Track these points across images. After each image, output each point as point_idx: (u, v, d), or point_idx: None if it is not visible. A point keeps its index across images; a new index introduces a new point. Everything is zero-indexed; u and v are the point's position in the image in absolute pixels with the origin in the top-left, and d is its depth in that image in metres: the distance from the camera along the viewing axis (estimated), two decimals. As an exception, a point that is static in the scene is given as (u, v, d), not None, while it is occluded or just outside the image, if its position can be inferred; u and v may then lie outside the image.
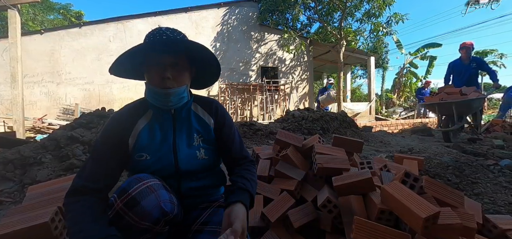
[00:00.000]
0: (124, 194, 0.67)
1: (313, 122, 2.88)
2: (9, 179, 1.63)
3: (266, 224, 1.20)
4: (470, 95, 3.54)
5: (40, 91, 8.42)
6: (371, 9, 9.53)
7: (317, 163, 1.31)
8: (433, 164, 1.96)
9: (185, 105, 0.87)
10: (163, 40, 0.77)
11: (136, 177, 0.72)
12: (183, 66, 0.83)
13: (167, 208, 0.70)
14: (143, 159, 0.81)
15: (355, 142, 1.53)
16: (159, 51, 0.79)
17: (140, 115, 0.85)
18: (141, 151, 0.82)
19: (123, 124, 0.82)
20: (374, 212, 1.03)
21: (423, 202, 0.92)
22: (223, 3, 9.99)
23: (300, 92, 10.97)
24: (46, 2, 15.71)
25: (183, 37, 0.82)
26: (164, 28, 0.81)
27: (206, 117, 0.92)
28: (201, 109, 0.93)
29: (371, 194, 1.12)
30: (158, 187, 0.72)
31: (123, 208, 0.66)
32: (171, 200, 0.74)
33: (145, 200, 0.67)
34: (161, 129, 0.86)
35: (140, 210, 0.66)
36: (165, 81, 0.79)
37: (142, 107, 0.87)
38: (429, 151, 2.37)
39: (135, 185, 0.68)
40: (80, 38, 8.69)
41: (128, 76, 0.91)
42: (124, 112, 0.85)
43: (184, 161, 0.85)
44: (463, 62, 4.32)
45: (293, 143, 1.54)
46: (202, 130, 0.90)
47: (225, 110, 0.98)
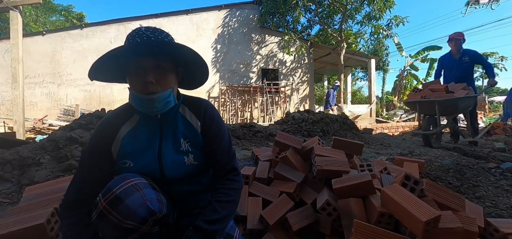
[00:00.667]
0: (108, 192, 0.65)
1: (313, 124, 2.87)
2: (7, 179, 1.62)
3: (265, 227, 1.19)
4: (457, 93, 3.06)
5: (41, 92, 8.44)
6: (372, 12, 9.56)
7: (317, 165, 1.30)
8: (434, 166, 1.94)
9: (172, 109, 0.83)
10: (142, 42, 0.72)
11: (122, 176, 0.70)
12: (167, 68, 0.78)
13: (154, 207, 0.68)
14: (127, 166, 0.79)
15: (355, 144, 1.52)
16: (139, 54, 0.74)
17: (125, 121, 0.82)
18: (124, 157, 0.79)
19: (106, 132, 0.80)
20: (374, 215, 1.02)
21: (424, 206, 0.91)
22: (224, 5, 10.03)
23: (301, 94, 10.96)
24: (48, 4, 15.81)
25: (165, 37, 0.76)
26: (144, 28, 0.75)
27: (193, 121, 0.87)
28: (189, 111, 0.88)
29: (371, 197, 1.10)
30: (143, 186, 0.70)
31: (107, 207, 0.64)
32: (159, 199, 0.72)
33: (130, 198, 0.65)
34: (147, 134, 0.82)
35: (124, 209, 0.64)
36: (148, 85, 0.74)
37: (128, 112, 0.84)
38: (430, 153, 2.36)
39: (120, 183, 0.67)
40: (81, 40, 8.72)
41: (112, 81, 0.86)
42: (108, 119, 0.83)
43: (170, 168, 0.81)
44: (453, 57, 3.75)
45: (293, 145, 1.53)
46: (189, 134, 0.85)
47: (216, 112, 0.91)
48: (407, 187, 1.07)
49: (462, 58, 3.66)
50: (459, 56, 3.67)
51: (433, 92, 3.23)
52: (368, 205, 1.10)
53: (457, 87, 3.20)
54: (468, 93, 3.10)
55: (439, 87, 3.25)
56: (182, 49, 0.77)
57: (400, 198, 0.95)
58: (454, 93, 3.09)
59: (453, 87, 3.21)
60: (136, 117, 0.83)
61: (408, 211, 0.90)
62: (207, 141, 0.87)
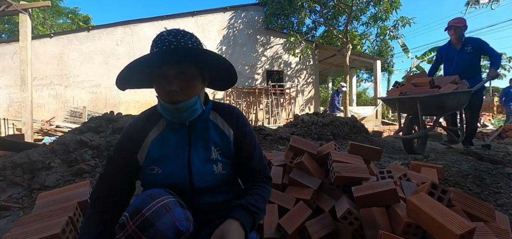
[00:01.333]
0: (137, 214, 0.61)
1: (323, 127, 2.82)
2: (18, 183, 1.61)
3: (282, 236, 1.15)
4: (444, 87, 2.50)
5: (49, 94, 8.53)
6: (378, 13, 9.46)
7: (335, 171, 1.25)
8: (452, 172, 1.88)
9: (201, 115, 0.80)
10: (164, 49, 0.69)
11: (150, 195, 0.66)
12: (191, 74, 0.73)
13: (183, 227, 0.65)
14: (154, 172, 0.76)
15: (373, 149, 1.47)
16: (162, 62, 0.71)
17: (153, 126, 0.80)
18: (152, 163, 0.77)
19: (133, 138, 0.78)
20: (400, 226, 0.97)
21: (455, 217, 0.86)
22: (229, 7, 10.04)
23: (306, 95, 10.90)
24: (55, 7, 16.06)
25: (188, 40, 0.72)
26: (166, 33, 0.72)
27: (226, 128, 0.83)
28: (221, 119, 0.84)
29: (396, 206, 1.05)
30: (173, 205, 0.67)
31: (136, 231, 0.60)
32: (186, 217, 0.68)
33: (160, 221, 0.61)
34: (175, 141, 0.79)
35: (155, 233, 0.60)
36: (172, 94, 0.71)
37: (155, 115, 0.81)
38: (446, 158, 2.28)
39: (149, 204, 0.63)
40: (88, 42, 8.81)
41: (141, 87, 0.84)
42: (135, 125, 0.80)
43: (199, 178, 0.78)
44: (453, 47, 3.18)
45: (308, 150, 1.49)
46: (221, 142, 0.82)
47: (246, 120, 0.90)
48: (434, 196, 1.02)
49: (464, 48, 3.08)
50: (460, 46, 3.10)
51: (415, 88, 2.66)
52: (392, 215, 1.05)
53: (445, 81, 2.66)
54: (458, 87, 2.53)
55: (423, 81, 2.67)
56: (205, 54, 0.73)
57: (428, 208, 0.90)
58: (441, 88, 2.53)
59: (440, 81, 2.68)
60: (163, 122, 0.80)
61: (439, 222, 0.84)
62: (240, 150, 0.84)
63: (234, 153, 0.84)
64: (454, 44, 3.18)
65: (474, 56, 3.08)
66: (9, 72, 8.17)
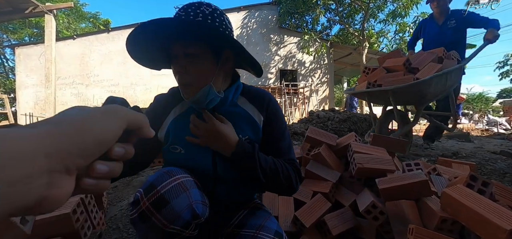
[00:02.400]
0: (151, 190, 0.57)
1: (339, 123, 2.70)
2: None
3: (299, 229, 1.07)
4: (423, 70, 1.92)
5: (71, 92, 8.97)
6: (397, 9, 9.09)
7: (357, 162, 1.16)
8: (487, 170, 1.71)
9: (225, 101, 0.71)
10: (167, 22, 0.60)
11: (167, 171, 0.61)
12: (201, 56, 0.64)
13: (199, 210, 0.59)
14: (177, 152, 0.71)
15: (397, 141, 1.36)
16: (167, 38, 0.64)
17: (176, 103, 0.74)
18: (175, 142, 0.71)
19: (157, 113, 0.74)
20: (434, 221, 0.86)
21: (503, 211, 0.74)
22: (243, 7, 10.08)
23: (320, 95, 10.67)
24: (78, 12, 16.92)
25: (200, 13, 0.62)
26: (186, 6, 0.63)
27: (256, 116, 0.74)
28: (251, 106, 0.75)
29: (427, 199, 0.95)
30: (190, 185, 0.61)
31: (150, 208, 0.55)
32: (203, 201, 0.63)
33: (176, 200, 0.57)
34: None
35: (170, 212, 0.55)
36: (179, 77, 0.65)
37: (178, 94, 0.72)
38: (478, 155, 2.09)
39: (165, 181, 0.58)
40: (108, 43, 9.17)
41: (163, 67, 0.76)
42: (160, 100, 0.76)
43: (223, 166, 0.72)
44: (435, 21, 2.63)
45: (326, 141, 1.40)
46: (250, 130, 0.74)
47: (278, 105, 0.80)
48: (474, 189, 0.90)
49: (446, 22, 2.54)
50: (443, 21, 2.56)
51: (387, 75, 2.06)
52: (423, 209, 0.94)
53: (425, 60, 2.04)
54: (442, 67, 1.95)
55: (397, 64, 2.06)
56: (212, 32, 0.63)
57: (470, 201, 0.79)
58: (419, 71, 1.94)
59: (419, 60, 2.06)
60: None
61: (483, 217, 0.74)
62: (269, 133, 0.75)
63: (262, 139, 0.76)
64: (436, 18, 2.64)
65: (458, 32, 2.51)
66: (36, 72, 8.68)
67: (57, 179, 0.22)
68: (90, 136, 0.24)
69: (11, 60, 16.28)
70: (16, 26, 14.67)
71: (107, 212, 1.38)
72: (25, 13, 4.98)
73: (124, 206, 1.44)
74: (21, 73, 8.81)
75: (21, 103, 8.76)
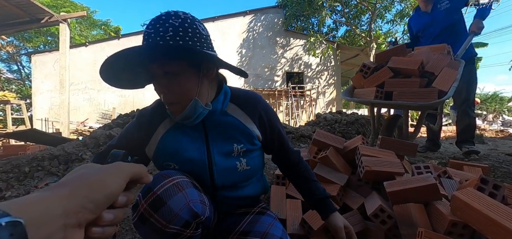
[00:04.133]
0: (149, 193, 0.58)
1: (347, 125, 2.68)
2: (54, 173, 1.72)
3: (307, 232, 1.08)
4: (441, 78, 1.62)
5: (83, 98, 9.26)
6: (404, 9, 8.96)
7: (364, 165, 1.16)
8: (500, 173, 1.66)
9: (214, 111, 0.70)
10: (144, 46, 0.59)
11: (162, 174, 0.62)
12: (181, 72, 0.62)
13: (198, 209, 0.60)
14: (171, 168, 0.71)
15: (407, 144, 1.35)
16: (144, 61, 0.63)
17: (163, 118, 0.72)
18: (167, 158, 0.71)
19: (140, 133, 0.73)
20: (443, 225, 0.85)
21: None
22: (249, 11, 10.17)
23: (327, 97, 10.59)
24: (90, 19, 17.50)
25: (167, 30, 0.59)
26: (150, 21, 0.61)
27: (248, 123, 0.74)
28: (242, 112, 0.74)
29: (436, 203, 0.94)
30: (186, 185, 0.62)
31: (148, 209, 0.57)
32: (201, 200, 0.63)
33: (172, 199, 0.57)
34: (191, 135, 0.71)
35: (167, 212, 0.56)
36: (163, 97, 0.64)
37: (165, 107, 0.71)
38: (491, 157, 2.04)
39: (161, 182, 0.59)
40: (118, 49, 9.39)
41: (143, 85, 0.73)
42: (145, 115, 0.74)
43: (221, 175, 0.72)
44: (424, 11, 2.37)
45: (333, 144, 1.40)
46: (243, 137, 0.74)
47: (271, 111, 0.80)
48: (485, 192, 0.88)
49: (436, 6, 2.28)
50: (432, 7, 2.31)
51: (398, 82, 1.73)
52: (433, 213, 0.93)
53: (439, 63, 1.72)
54: (458, 66, 1.70)
55: (409, 66, 1.73)
56: (187, 53, 0.61)
57: (481, 205, 0.78)
58: (435, 77, 1.64)
59: (430, 64, 1.73)
60: None
61: (494, 220, 0.73)
62: (270, 142, 0.82)
63: (266, 147, 0.83)
64: (424, 9, 2.38)
65: (453, 12, 2.20)
66: (51, 78, 9.02)
67: (71, 232, 0.26)
68: (100, 193, 0.29)
69: (27, 67, 16.99)
70: (31, 34, 15.30)
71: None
72: (41, 23, 5.21)
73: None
74: (37, 80, 9.18)
75: (37, 108, 9.11)
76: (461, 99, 2.23)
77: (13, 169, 1.82)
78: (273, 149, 0.85)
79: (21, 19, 5.13)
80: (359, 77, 1.95)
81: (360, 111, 6.77)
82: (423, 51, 1.92)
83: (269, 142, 0.81)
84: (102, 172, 0.30)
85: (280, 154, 0.86)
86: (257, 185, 0.84)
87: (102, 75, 0.64)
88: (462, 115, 2.27)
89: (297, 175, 0.89)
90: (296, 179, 0.90)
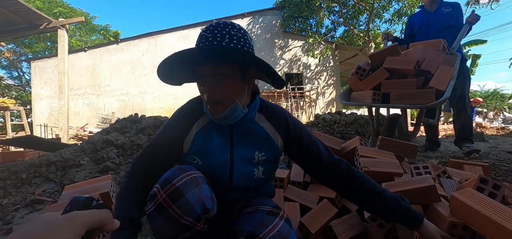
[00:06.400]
0: (167, 184, 0.62)
1: (346, 126, 2.67)
2: (51, 179, 1.71)
3: (305, 236, 1.07)
4: (438, 76, 1.61)
5: (83, 102, 9.26)
6: (402, 8, 8.97)
7: (363, 166, 1.15)
8: (501, 171, 1.65)
9: (243, 118, 0.75)
10: (202, 48, 0.66)
11: (180, 168, 0.67)
12: (230, 74, 0.68)
13: (208, 204, 0.64)
14: (195, 162, 0.76)
15: (407, 145, 1.33)
16: (198, 62, 0.69)
17: (200, 116, 0.77)
18: (195, 154, 0.76)
19: (181, 124, 0.77)
20: (443, 226, 0.84)
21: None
22: (247, 13, 10.19)
23: (327, 98, 10.59)
24: (89, 25, 17.56)
25: (226, 36, 0.66)
26: (208, 27, 0.67)
27: (274, 135, 0.78)
28: (268, 124, 0.78)
29: (436, 204, 0.92)
30: (202, 181, 0.66)
31: (167, 199, 0.60)
32: (212, 197, 0.67)
33: (190, 192, 0.61)
34: (218, 138, 0.76)
35: (184, 204, 0.60)
36: (208, 95, 0.69)
37: (199, 108, 0.78)
38: (491, 156, 2.02)
39: (179, 175, 0.64)
40: (117, 54, 9.45)
41: (185, 81, 0.80)
42: (185, 112, 0.79)
43: (239, 179, 0.76)
44: (428, 10, 2.48)
45: (331, 146, 1.39)
46: (265, 147, 0.77)
47: (297, 122, 0.83)
48: (484, 192, 0.87)
49: (440, 9, 2.42)
50: (436, 8, 2.44)
51: (395, 83, 1.71)
52: (432, 214, 0.92)
53: (434, 60, 1.71)
54: (454, 60, 1.72)
55: (404, 66, 1.71)
56: (244, 57, 0.67)
57: (480, 205, 0.77)
58: (432, 76, 1.62)
59: (426, 62, 1.72)
60: (207, 116, 0.77)
61: (494, 221, 0.71)
62: (303, 150, 0.80)
63: (301, 158, 0.82)
64: (428, 8, 2.50)
65: (454, 17, 2.36)
66: (50, 84, 9.03)
67: None
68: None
69: (27, 73, 17.03)
70: (31, 40, 15.35)
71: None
72: (39, 29, 5.22)
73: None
74: (37, 86, 9.19)
75: (37, 114, 9.11)
76: (456, 97, 2.26)
77: (10, 175, 1.81)
78: (305, 156, 0.81)
79: (19, 25, 5.14)
80: (356, 79, 1.94)
81: (360, 112, 6.75)
82: (418, 48, 1.89)
83: (297, 147, 0.80)
84: (50, 228, 0.27)
85: (316, 159, 0.80)
86: (264, 191, 0.87)
87: (159, 70, 0.70)
88: (458, 115, 2.31)
89: (348, 184, 0.80)
90: (353, 192, 0.80)
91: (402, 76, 1.78)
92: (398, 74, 1.80)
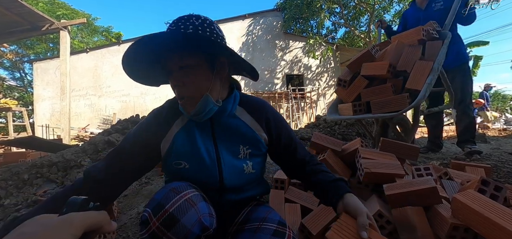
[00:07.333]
0: (160, 210, 0.56)
1: (347, 127, 2.66)
2: (53, 180, 1.72)
3: (306, 237, 1.06)
4: (414, 75, 1.54)
5: (84, 103, 9.30)
6: (403, 9, 8.97)
7: (364, 167, 1.14)
8: (503, 173, 1.64)
9: (222, 112, 0.72)
10: (162, 36, 0.62)
11: (172, 188, 0.61)
12: (196, 65, 0.66)
13: (207, 222, 0.60)
14: (181, 167, 0.71)
15: (409, 147, 1.33)
16: (162, 53, 0.66)
17: (178, 116, 0.74)
18: (178, 157, 0.71)
19: (160, 124, 0.73)
20: (444, 229, 0.83)
21: (518, 218, 0.71)
22: (248, 14, 10.22)
23: (328, 99, 10.58)
24: (91, 26, 17.65)
25: (190, 25, 0.64)
26: (176, 20, 0.67)
27: (256, 128, 0.76)
28: (250, 118, 0.76)
29: (437, 206, 0.92)
30: (197, 199, 0.61)
31: (161, 227, 0.55)
32: (210, 213, 0.63)
33: (186, 216, 0.57)
34: (200, 136, 0.73)
35: (181, 229, 0.56)
36: (177, 90, 0.67)
37: (177, 107, 0.73)
38: (493, 157, 2.01)
39: (173, 199, 0.58)
40: (119, 55, 9.49)
41: (162, 82, 0.80)
42: (162, 112, 0.75)
43: (229, 176, 0.74)
44: (418, 7, 2.38)
45: (332, 147, 1.39)
46: (249, 141, 0.76)
47: (279, 116, 0.83)
48: (486, 194, 0.87)
49: (430, 5, 2.28)
50: (426, 4, 2.31)
51: (372, 91, 1.66)
52: (433, 216, 0.91)
53: (408, 58, 1.61)
54: (431, 64, 1.55)
55: (378, 70, 1.65)
56: (204, 42, 0.65)
57: (482, 207, 0.76)
58: (409, 76, 1.55)
59: (405, 60, 1.62)
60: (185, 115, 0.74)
61: (497, 224, 0.71)
62: (281, 143, 0.81)
63: (277, 152, 0.83)
64: (419, 3, 2.38)
65: (446, 11, 2.08)
66: (52, 85, 9.08)
67: None
68: None
69: (29, 74, 17.13)
70: (33, 42, 15.45)
71: (117, 221, 1.41)
72: (42, 30, 5.26)
73: (134, 214, 1.47)
74: (39, 87, 9.24)
75: (38, 115, 9.16)
76: (457, 101, 2.23)
77: (12, 176, 1.82)
78: (282, 151, 0.82)
79: (22, 27, 5.19)
80: (340, 91, 1.90)
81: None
82: (394, 46, 1.78)
83: (276, 142, 0.81)
84: (47, 230, 0.27)
85: (291, 154, 0.83)
86: (260, 188, 0.86)
87: (123, 64, 0.68)
88: (461, 116, 2.28)
89: (311, 171, 0.82)
90: (310, 176, 0.82)
91: (383, 81, 1.71)
92: (379, 79, 1.72)
